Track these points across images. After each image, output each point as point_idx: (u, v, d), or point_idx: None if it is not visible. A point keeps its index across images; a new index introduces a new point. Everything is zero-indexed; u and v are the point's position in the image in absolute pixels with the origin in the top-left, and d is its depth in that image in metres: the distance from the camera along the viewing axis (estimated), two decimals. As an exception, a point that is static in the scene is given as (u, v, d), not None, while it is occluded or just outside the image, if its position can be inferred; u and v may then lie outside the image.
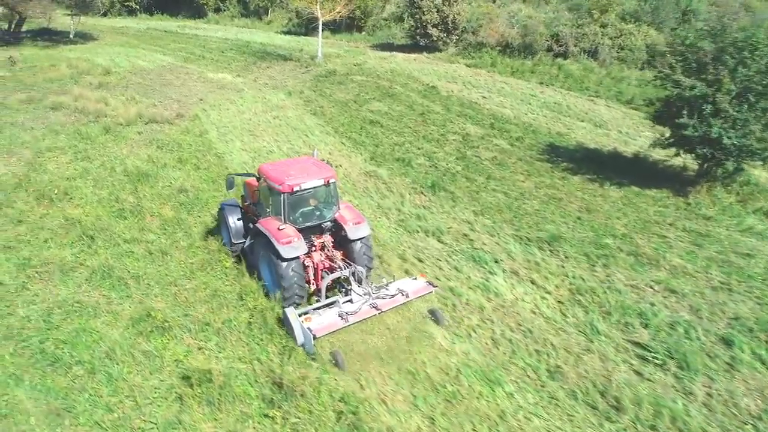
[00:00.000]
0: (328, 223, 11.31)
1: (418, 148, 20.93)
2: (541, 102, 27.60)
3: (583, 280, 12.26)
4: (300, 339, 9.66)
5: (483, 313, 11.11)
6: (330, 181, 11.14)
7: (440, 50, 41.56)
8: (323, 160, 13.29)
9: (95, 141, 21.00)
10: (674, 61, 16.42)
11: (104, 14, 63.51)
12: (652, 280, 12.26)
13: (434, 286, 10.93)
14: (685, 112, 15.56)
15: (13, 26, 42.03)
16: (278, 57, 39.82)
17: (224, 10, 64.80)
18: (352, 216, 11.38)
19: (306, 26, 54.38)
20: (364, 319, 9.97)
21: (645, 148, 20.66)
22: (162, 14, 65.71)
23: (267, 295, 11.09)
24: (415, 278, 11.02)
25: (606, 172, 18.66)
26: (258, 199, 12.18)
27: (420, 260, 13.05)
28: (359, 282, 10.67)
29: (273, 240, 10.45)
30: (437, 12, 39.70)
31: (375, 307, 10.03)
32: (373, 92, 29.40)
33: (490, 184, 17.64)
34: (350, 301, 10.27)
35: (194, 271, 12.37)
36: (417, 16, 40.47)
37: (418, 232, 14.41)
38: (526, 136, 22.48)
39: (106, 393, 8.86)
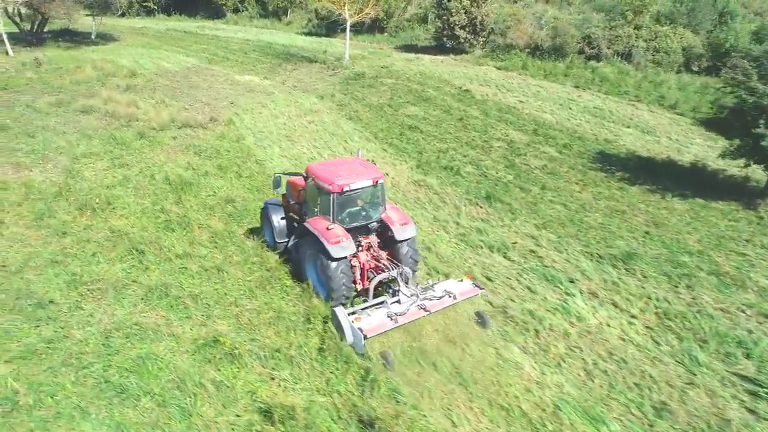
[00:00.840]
0: (375, 223, 11.25)
1: (464, 156, 20.18)
2: (582, 107, 26.77)
3: (669, 302, 11.47)
4: (350, 339, 9.55)
5: (569, 340, 10.35)
6: (378, 182, 11.07)
7: (466, 52, 40.82)
8: (369, 161, 12.67)
9: (130, 146, 20.42)
10: (750, 66, 15.52)
11: (122, 15, 63.29)
12: (743, 304, 11.46)
13: (480, 288, 10.69)
14: (762, 121, 14.68)
15: (36, 27, 41.61)
16: (303, 59, 39.20)
17: (242, 11, 64.34)
18: (399, 217, 11.32)
19: (327, 27, 53.88)
20: (413, 320, 9.76)
21: (701, 156, 19.84)
22: (180, 15, 65.37)
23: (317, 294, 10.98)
24: (461, 280, 10.78)
25: (664, 181, 17.85)
26: (304, 198, 12.02)
27: (489, 279, 12.30)
28: (406, 283, 10.48)
29: (322, 239, 10.40)
30: (465, 13, 38.93)
31: (423, 308, 9.87)
32: (406, 96, 28.68)
33: (547, 195, 16.86)
34: (398, 301, 10.10)
35: (253, 290, 11.68)
36: (444, 17, 39.69)
37: (481, 247, 13.67)
38: (572, 143, 21.66)
39: (180, 429, 8.19)
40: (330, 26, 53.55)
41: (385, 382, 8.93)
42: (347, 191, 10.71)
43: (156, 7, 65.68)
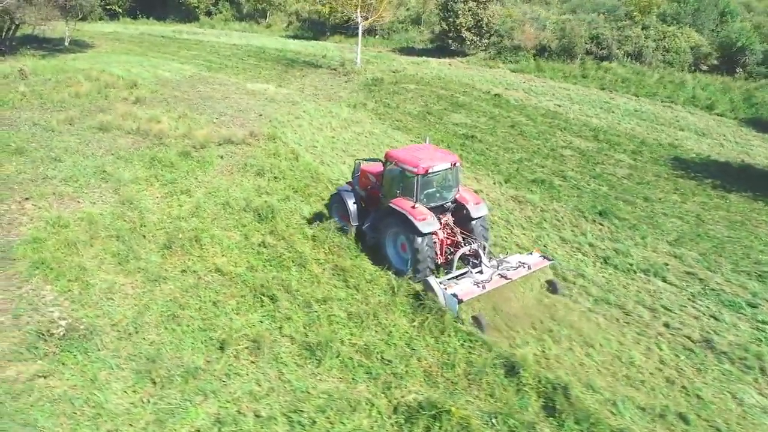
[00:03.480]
0: (450, 203, 12.28)
1: (541, 167, 19.21)
2: (622, 109, 26.39)
3: None
4: (443, 303, 10.52)
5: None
6: (455, 164, 12.16)
7: (467, 54, 40.05)
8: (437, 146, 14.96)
9: (178, 168, 18.31)
10: None
11: (83, 18, 59.02)
12: None
13: (550, 260, 11.99)
14: None
15: (7, 33, 37.92)
16: (305, 64, 37.37)
17: (215, 14, 61.41)
18: (472, 197, 12.39)
19: (315, 30, 52.05)
20: (498, 287, 10.83)
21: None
22: (148, 18, 61.60)
23: (395, 272, 11.96)
24: (531, 253, 12.13)
25: (759, 189, 17.43)
26: (380, 182, 12.96)
27: (668, 309, 11.30)
28: (485, 254, 11.55)
29: (410, 217, 11.30)
30: (471, 15, 38.13)
31: (504, 277, 11.01)
32: (439, 102, 27.52)
33: (654, 208, 16.10)
34: (480, 271, 11.22)
35: (425, 337, 10.23)
36: (450, 19, 38.75)
37: (633, 271, 12.68)
38: (640, 149, 21.11)
39: None
40: (318, 29, 51.82)
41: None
42: (431, 173, 11.71)
43: (120, 11, 61.62)
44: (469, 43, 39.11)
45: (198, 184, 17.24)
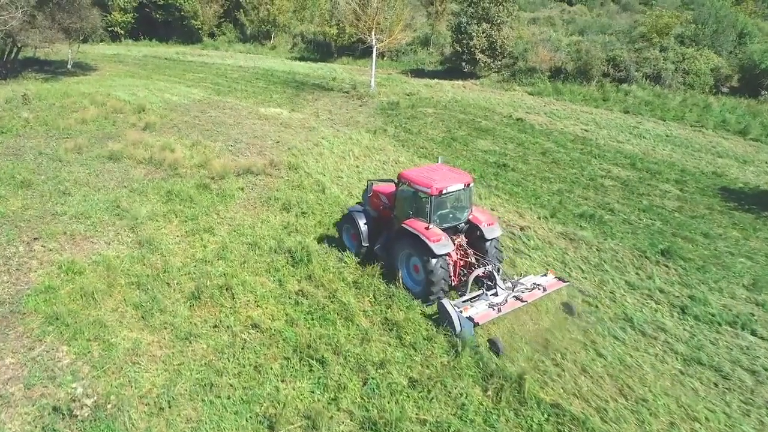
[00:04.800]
0: (463, 224, 12.08)
1: (584, 198, 18.03)
2: (653, 134, 25.39)
3: None
4: (458, 328, 10.25)
5: None
6: (469, 185, 11.92)
7: (479, 76, 39.20)
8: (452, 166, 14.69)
9: (197, 202, 17.04)
10: None
11: (84, 40, 58.18)
12: None
13: (565, 282, 11.56)
14: None
15: (9, 56, 36.83)
16: (314, 86, 36.40)
17: (219, 36, 60.66)
18: (486, 218, 12.15)
19: (321, 52, 51.28)
20: (513, 309, 10.60)
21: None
22: (150, 40, 60.80)
23: (411, 293, 11.75)
24: (545, 274, 11.75)
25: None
26: (393, 203, 12.74)
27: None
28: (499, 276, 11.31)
29: (424, 239, 11.09)
30: (486, 37, 37.35)
31: (519, 299, 10.75)
32: (461, 127, 26.45)
33: (718, 245, 14.88)
34: (495, 294, 10.97)
35: (503, 410, 8.88)
36: (464, 41, 37.95)
37: (718, 323, 11.39)
38: (683, 178, 19.99)
39: None
40: (325, 51, 51.05)
41: None
42: (445, 193, 11.47)
43: (123, 32, 60.80)
44: (482, 65, 38.27)
45: (220, 221, 15.95)
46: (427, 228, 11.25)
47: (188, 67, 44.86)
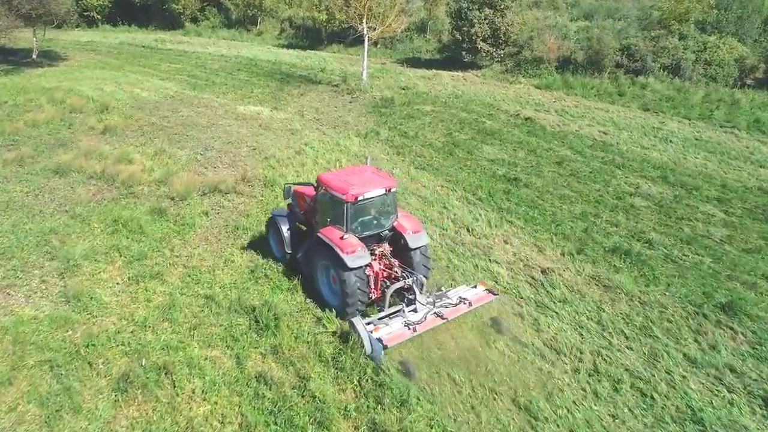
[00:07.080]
0: (387, 231, 11.15)
1: (614, 225, 15.13)
2: (680, 138, 22.48)
3: None
4: (368, 349, 9.36)
5: None
6: (390, 190, 10.89)
7: (481, 66, 36.05)
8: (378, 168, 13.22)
9: (148, 235, 14.09)
10: None
11: (58, 26, 54.40)
12: None
13: (495, 294, 10.67)
14: None
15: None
16: (301, 79, 33.19)
17: (202, 21, 56.95)
18: (411, 225, 11.16)
19: (311, 39, 47.87)
20: (431, 328, 9.73)
21: None
22: (129, 26, 57.07)
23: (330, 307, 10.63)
24: (475, 286, 10.82)
25: None
26: (314, 208, 11.75)
27: None
28: (420, 290, 10.30)
29: (337, 250, 10.19)
30: (488, 24, 34.12)
31: (440, 316, 9.85)
32: (463, 130, 23.46)
33: (786, 294, 12.07)
34: (414, 310, 10.03)
35: None
36: (465, 28, 34.72)
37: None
38: (725, 195, 17.11)
39: None
40: (314, 37, 47.63)
41: None
42: (361, 200, 10.56)
43: (99, 17, 57.05)
44: (484, 54, 35.10)
45: (173, 261, 13.00)
46: (342, 238, 10.32)
47: (165, 56, 41.46)
